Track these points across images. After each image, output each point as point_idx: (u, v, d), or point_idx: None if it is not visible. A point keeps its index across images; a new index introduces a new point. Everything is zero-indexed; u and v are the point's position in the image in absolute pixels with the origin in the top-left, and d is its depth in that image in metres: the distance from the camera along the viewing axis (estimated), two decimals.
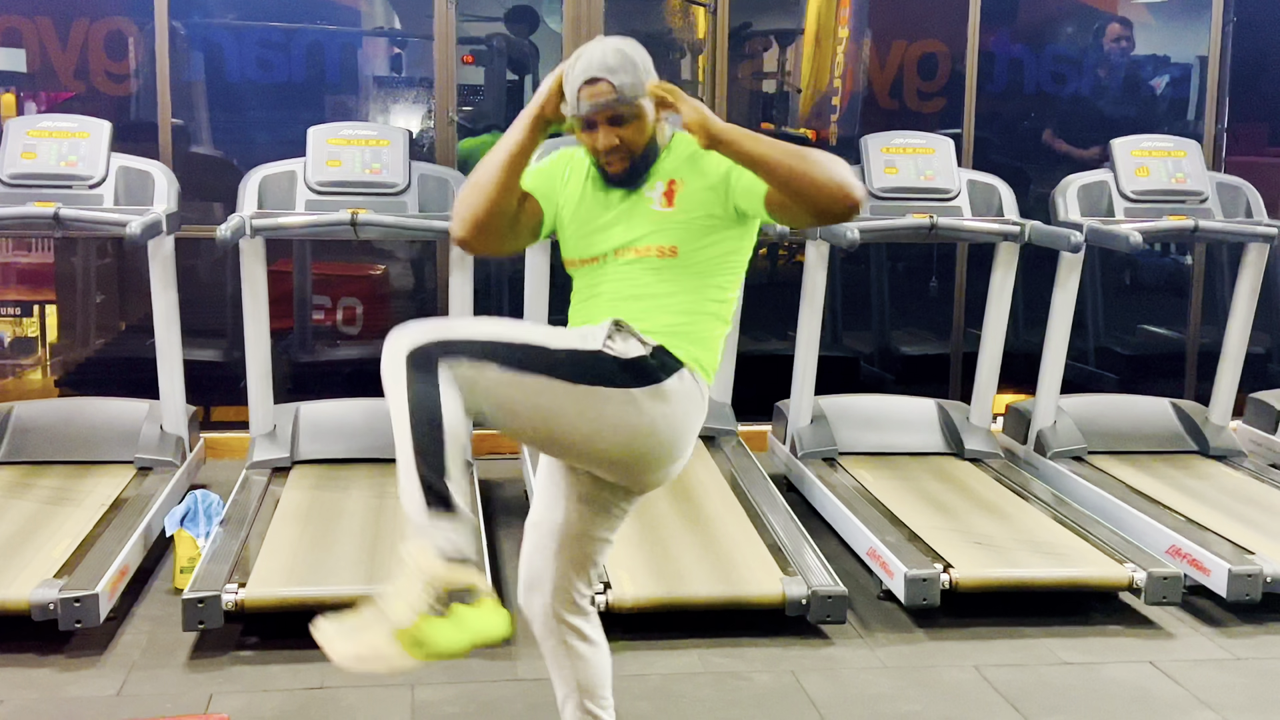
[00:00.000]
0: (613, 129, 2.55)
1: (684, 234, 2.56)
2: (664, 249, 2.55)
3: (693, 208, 2.57)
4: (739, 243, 2.64)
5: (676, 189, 2.58)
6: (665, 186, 2.59)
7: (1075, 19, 7.10)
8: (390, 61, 6.87)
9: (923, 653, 3.98)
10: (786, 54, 7.15)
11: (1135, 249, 4.91)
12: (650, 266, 2.56)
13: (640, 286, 2.57)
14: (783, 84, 7.26)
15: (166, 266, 4.89)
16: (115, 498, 4.64)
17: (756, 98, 7.23)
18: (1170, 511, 4.77)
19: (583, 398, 2.44)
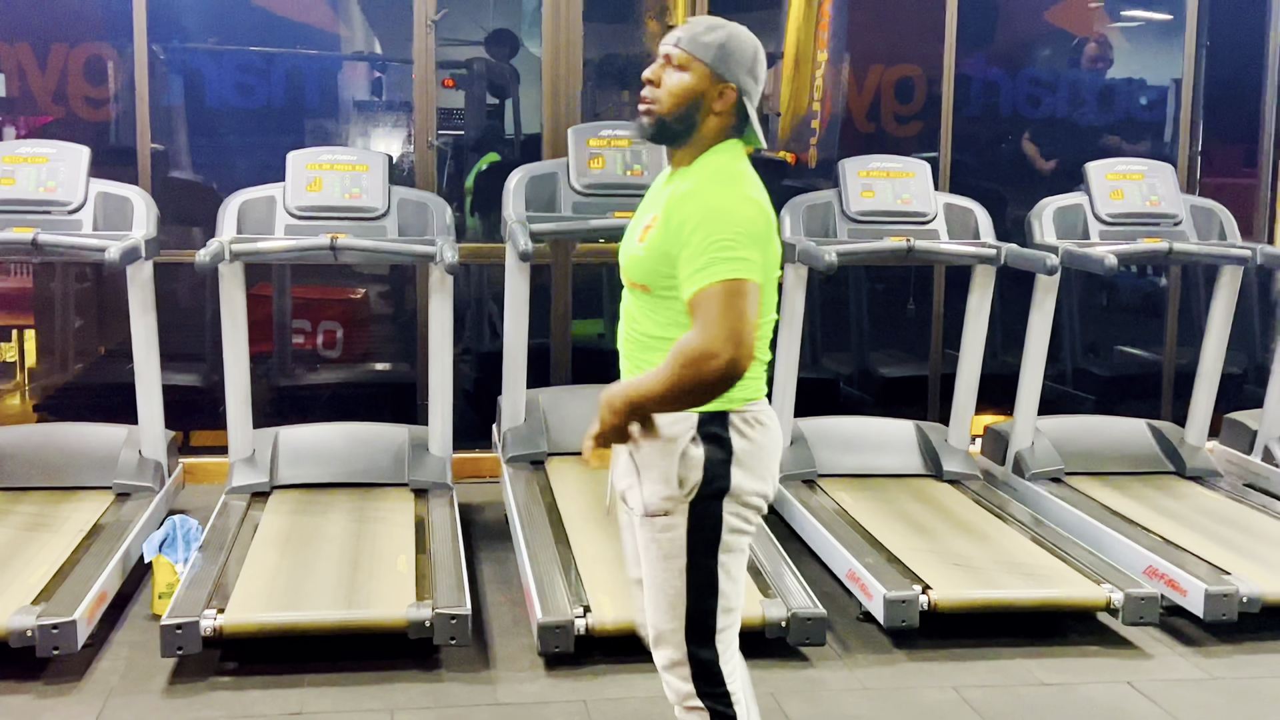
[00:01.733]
0: (664, 67, 2.55)
1: (648, 273, 2.51)
2: (635, 283, 2.56)
3: (654, 250, 2.50)
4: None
5: (652, 226, 2.51)
6: (649, 220, 2.54)
7: (1051, 42, 7.16)
8: (371, 86, 6.89)
9: (902, 674, 3.99)
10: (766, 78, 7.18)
11: (1110, 271, 4.95)
12: (634, 295, 2.58)
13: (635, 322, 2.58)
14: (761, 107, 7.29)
15: (145, 291, 4.89)
16: (93, 523, 4.63)
17: None
18: (1147, 532, 4.79)
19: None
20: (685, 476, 2.47)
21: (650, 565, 2.56)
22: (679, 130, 2.53)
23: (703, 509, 2.49)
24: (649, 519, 2.53)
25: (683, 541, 2.50)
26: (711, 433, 2.48)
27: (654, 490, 2.51)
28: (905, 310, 7.01)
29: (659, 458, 2.49)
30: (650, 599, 2.57)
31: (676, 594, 2.53)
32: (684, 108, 2.52)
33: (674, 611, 2.54)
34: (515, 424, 5.34)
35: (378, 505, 4.90)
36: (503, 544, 4.95)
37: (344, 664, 3.90)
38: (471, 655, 4.00)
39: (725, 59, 2.51)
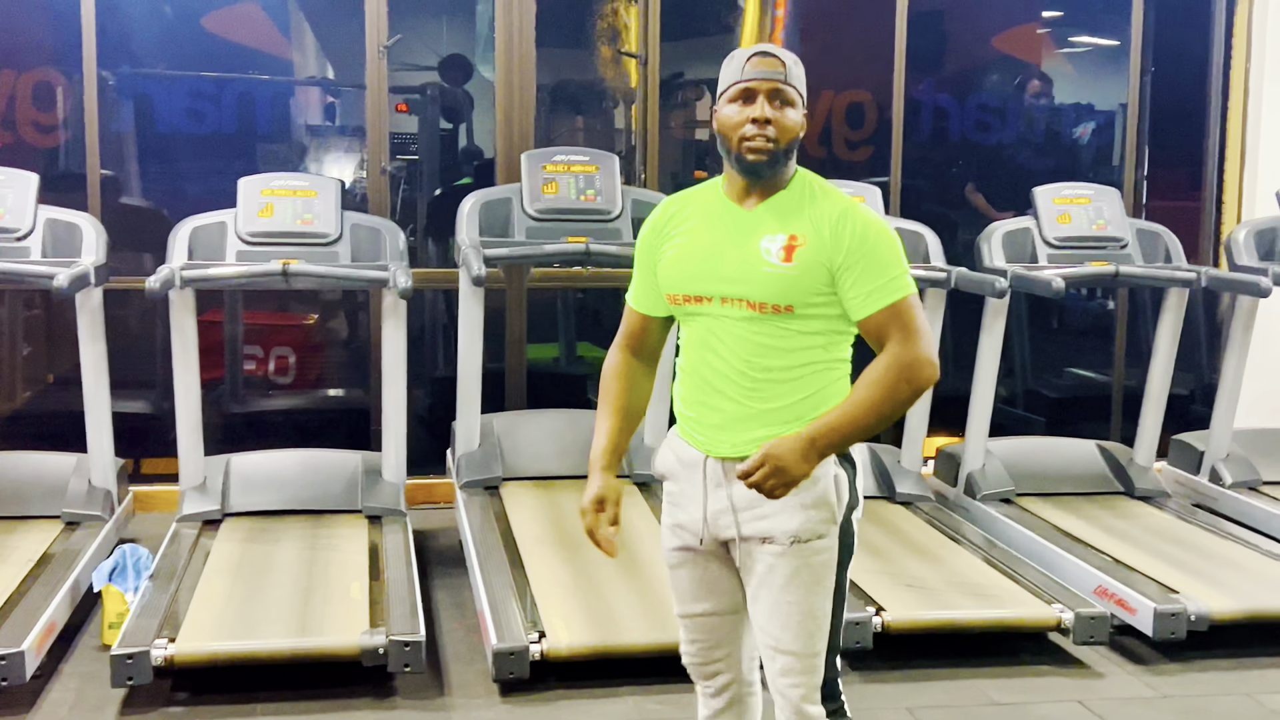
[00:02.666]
0: (769, 105, 2.49)
1: (799, 291, 2.46)
2: (779, 306, 2.47)
3: (809, 267, 2.45)
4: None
5: (797, 245, 2.47)
6: (786, 240, 2.48)
7: (999, 68, 7.25)
8: (323, 111, 6.88)
9: (856, 695, 3.95)
10: None
11: (1058, 294, 5.01)
12: (764, 320, 2.48)
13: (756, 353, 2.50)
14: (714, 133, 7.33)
15: (95, 318, 4.85)
16: (42, 553, 4.58)
17: (690, 146, 7.31)
18: (1097, 552, 4.84)
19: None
20: (841, 497, 2.51)
21: (799, 594, 2.51)
22: (784, 161, 2.53)
23: (847, 526, 2.55)
24: (798, 545, 2.49)
25: (834, 561, 2.53)
26: (846, 454, 2.55)
27: (807, 516, 2.48)
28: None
29: (809, 483, 2.47)
30: (791, 629, 2.53)
31: (824, 615, 2.54)
32: (792, 142, 2.52)
33: (820, 634, 2.54)
34: (469, 449, 5.33)
35: (331, 532, 4.87)
36: (457, 570, 4.93)
37: (297, 693, 3.87)
38: (426, 682, 3.98)
39: (804, 90, 2.57)
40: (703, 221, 2.58)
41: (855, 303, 2.45)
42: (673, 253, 2.59)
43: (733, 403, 2.51)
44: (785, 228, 2.49)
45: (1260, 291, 5.30)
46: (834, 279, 2.45)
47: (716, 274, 2.51)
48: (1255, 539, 5.14)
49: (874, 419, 2.45)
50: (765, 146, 2.48)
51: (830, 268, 2.45)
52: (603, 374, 2.73)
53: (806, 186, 2.55)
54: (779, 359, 2.49)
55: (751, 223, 2.52)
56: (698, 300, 2.53)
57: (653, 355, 2.74)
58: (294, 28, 6.65)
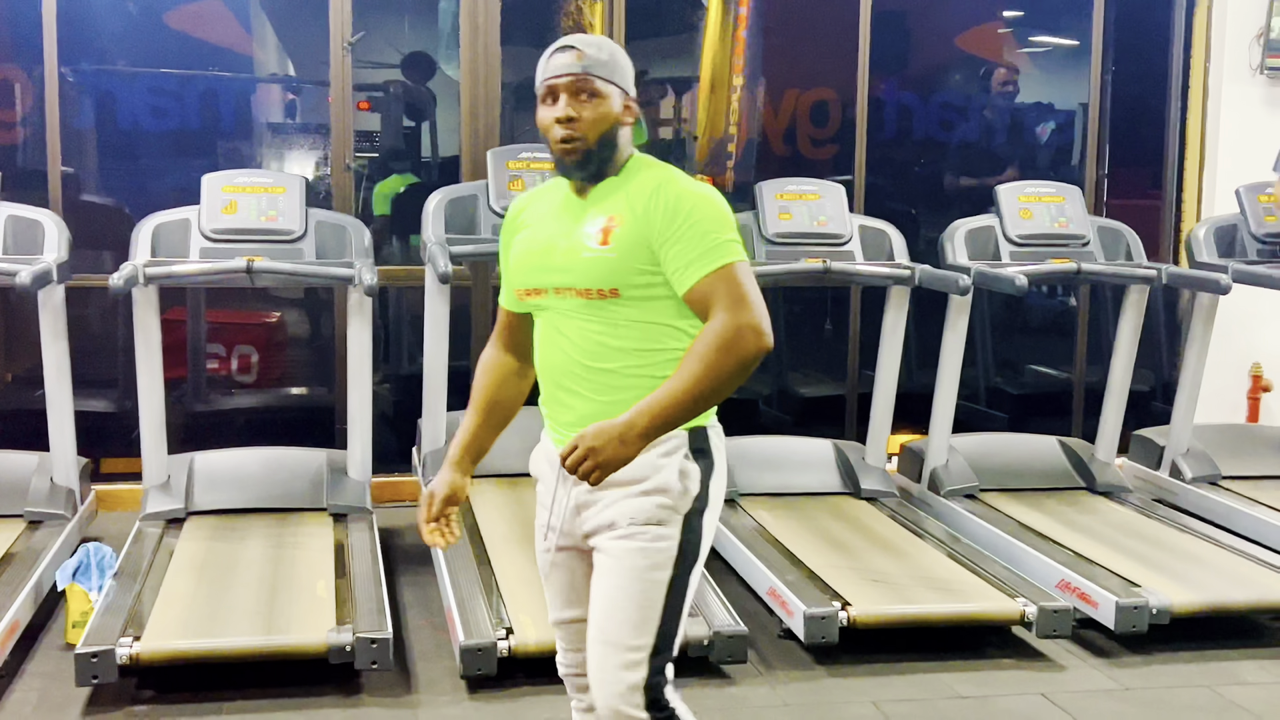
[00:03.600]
0: (572, 102, 2.44)
1: (619, 274, 2.40)
2: (604, 290, 2.41)
3: (626, 248, 2.41)
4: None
5: (614, 226, 2.42)
6: (605, 222, 2.44)
7: (962, 68, 7.29)
8: (287, 108, 6.84)
9: (822, 690, 4.03)
10: (683, 101, 7.26)
11: (1021, 291, 5.05)
12: (593, 306, 2.43)
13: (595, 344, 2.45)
14: (680, 131, 7.36)
15: (57, 316, 4.82)
16: (4, 552, 4.55)
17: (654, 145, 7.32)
18: (1060, 547, 4.88)
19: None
20: (686, 488, 2.43)
21: (628, 578, 2.42)
22: (606, 154, 2.47)
23: (693, 523, 2.45)
24: (637, 528, 2.42)
25: (673, 553, 2.42)
26: (698, 448, 2.46)
27: (646, 501, 2.42)
28: (821, 331, 7.09)
29: (649, 471, 2.40)
30: (616, 616, 2.43)
31: (652, 608, 2.42)
32: (607, 134, 2.46)
33: (645, 627, 2.41)
34: (436, 446, 5.32)
35: (296, 530, 4.85)
36: (423, 568, 4.92)
37: (263, 691, 3.85)
38: (393, 680, 3.97)
39: (625, 75, 2.50)
40: (545, 215, 2.57)
41: (677, 276, 2.37)
42: (518, 248, 2.58)
43: (580, 398, 2.47)
44: (605, 210, 2.46)
45: (1220, 289, 5.36)
46: (656, 257, 2.39)
47: (548, 265, 2.48)
48: (1215, 533, 5.19)
49: (698, 395, 2.32)
50: (574, 146, 2.44)
51: (650, 245, 2.38)
52: (476, 370, 2.71)
53: (635, 168, 2.50)
54: (618, 353, 2.43)
55: (580, 210, 2.50)
56: (536, 293, 2.51)
57: (524, 352, 2.64)
58: (257, 24, 6.61)
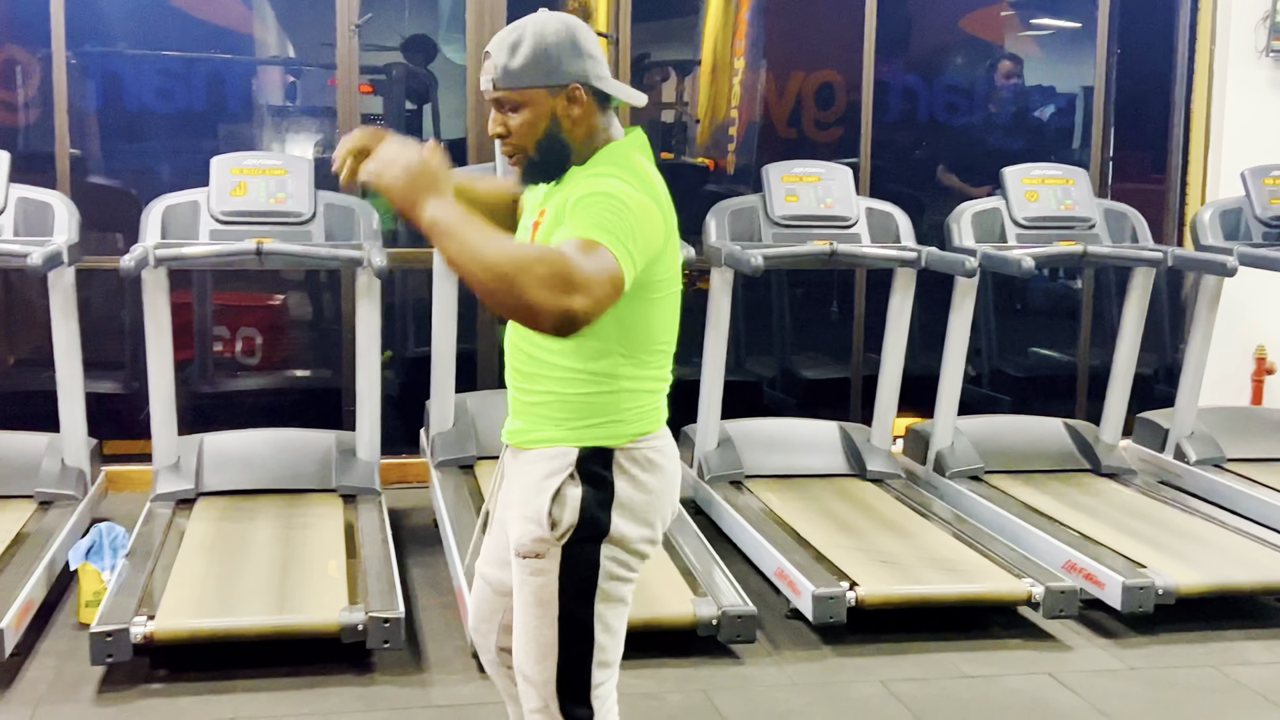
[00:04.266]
0: (500, 114, 2.33)
1: None
2: None
3: (547, 239, 2.26)
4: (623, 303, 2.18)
5: (541, 223, 2.32)
6: (536, 217, 2.35)
7: (966, 50, 7.30)
8: (293, 90, 6.84)
9: (830, 669, 4.06)
10: (685, 84, 7.27)
11: (1028, 274, 5.06)
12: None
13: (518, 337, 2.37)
14: (681, 114, 7.37)
15: (67, 297, 4.83)
16: (17, 532, 4.57)
17: (656, 127, 7.33)
18: (1065, 528, 4.91)
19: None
20: (559, 518, 2.29)
21: (522, 609, 2.37)
22: (558, 157, 2.33)
23: (576, 553, 2.30)
24: (520, 560, 2.34)
25: (555, 587, 2.31)
26: (592, 471, 2.30)
27: (525, 530, 2.32)
28: (827, 313, 7.10)
29: (532, 494, 2.32)
30: (520, 645, 2.38)
31: (548, 644, 2.33)
32: (544, 140, 2.31)
33: (545, 663, 2.34)
34: (444, 428, 5.34)
35: (306, 511, 4.88)
36: (431, 548, 4.95)
37: (276, 669, 3.88)
38: (405, 659, 4.00)
39: (549, 69, 2.28)
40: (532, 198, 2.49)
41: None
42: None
43: (514, 387, 2.42)
44: (539, 206, 2.38)
45: (1226, 271, 5.38)
46: None
47: None
48: (1220, 514, 5.22)
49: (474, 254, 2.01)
50: (515, 158, 2.35)
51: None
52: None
53: (596, 162, 2.32)
54: (535, 354, 2.35)
55: (538, 202, 2.41)
56: None
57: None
58: (261, 7, 6.60)
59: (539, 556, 2.32)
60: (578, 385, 2.32)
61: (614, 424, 2.33)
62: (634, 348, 2.33)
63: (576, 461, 2.31)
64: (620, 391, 2.33)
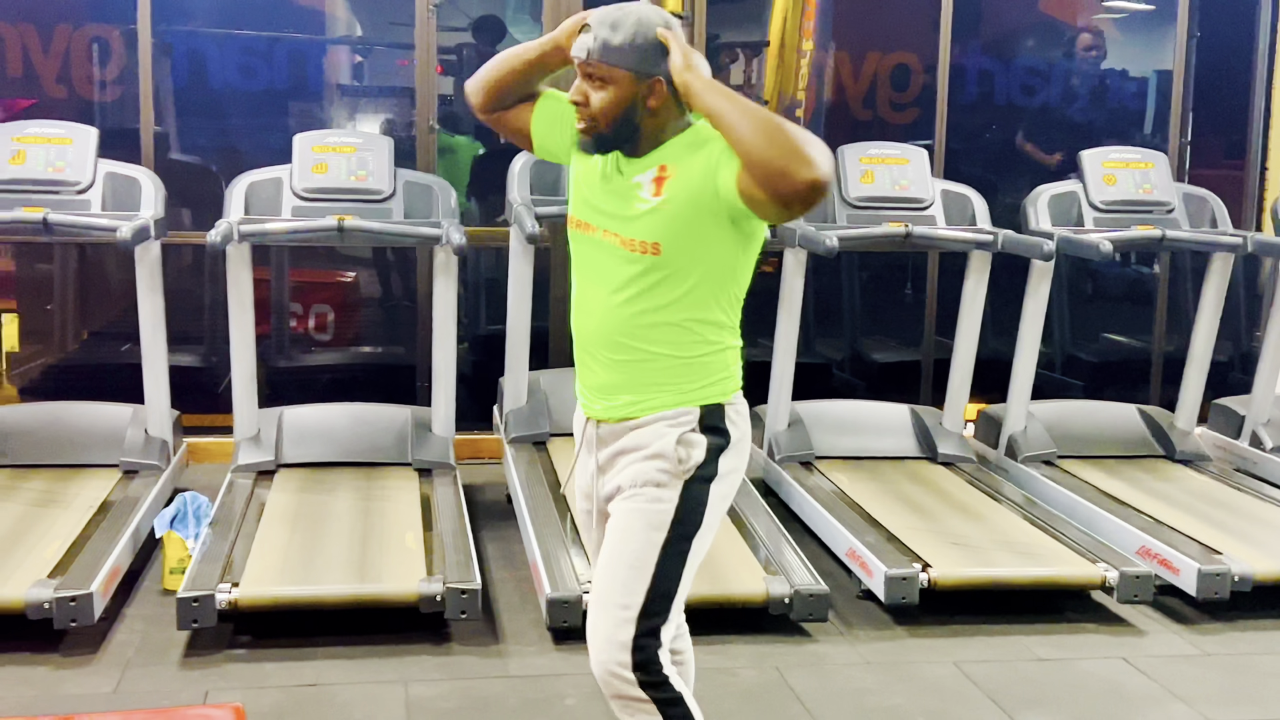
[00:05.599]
0: (586, 84, 2.46)
1: (668, 228, 2.41)
2: (646, 244, 2.43)
3: (680, 197, 2.41)
4: (734, 251, 2.46)
5: (667, 176, 2.43)
6: (656, 172, 2.45)
7: (1044, 31, 7.24)
8: (372, 69, 6.92)
9: (903, 649, 4.07)
10: (753, 65, 7.26)
11: (1106, 257, 5.03)
12: (634, 263, 2.45)
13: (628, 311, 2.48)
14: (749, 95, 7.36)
15: (153, 271, 4.93)
16: (103, 500, 4.67)
17: None
18: (1139, 513, 4.88)
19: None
20: (685, 456, 2.47)
21: (622, 538, 2.49)
22: (625, 135, 2.47)
23: (692, 490, 2.48)
24: (636, 490, 2.49)
25: (669, 515, 2.46)
26: (711, 425, 2.51)
27: (647, 465, 2.49)
28: (898, 296, 7.09)
29: (654, 438, 2.49)
30: (611, 571, 2.49)
31: (643, 567, 2.45)
32: (620, 118, 2.45)
33: (635, 586, 2.45)
34: (518, 405, 5.40)
35: (382, 484, 4.95)
36: (504, 523, 5.01)
37: (356, 637, 3.96)
38: (481, 629, 4.06)
39: (643, 57, 2.42)
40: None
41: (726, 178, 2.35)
42: (576, 168, 2.63)
43: (613, 363, 2.55)
44: (655, 161, 2.47)
45: None
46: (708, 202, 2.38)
47: (600, 206, 2.53)
48: None
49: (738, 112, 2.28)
50: (587, 127, 2.47)
51: (706, 185, 2.38)
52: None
53: (688, 137, 2.48)
54: (649, 326, 2.50)
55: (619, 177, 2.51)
56: (586, 227, 2.56)
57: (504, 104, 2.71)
58: None
59: (659, 486, 2.48)
60: (693, 349, 2.50)
61: (724, 381, 2.54)
62: (733, 300, 2.53)
63: (700, 418, 2.50)
64: (725, 349, 2.54)
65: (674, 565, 2.48)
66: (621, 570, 2.48)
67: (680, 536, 2.48)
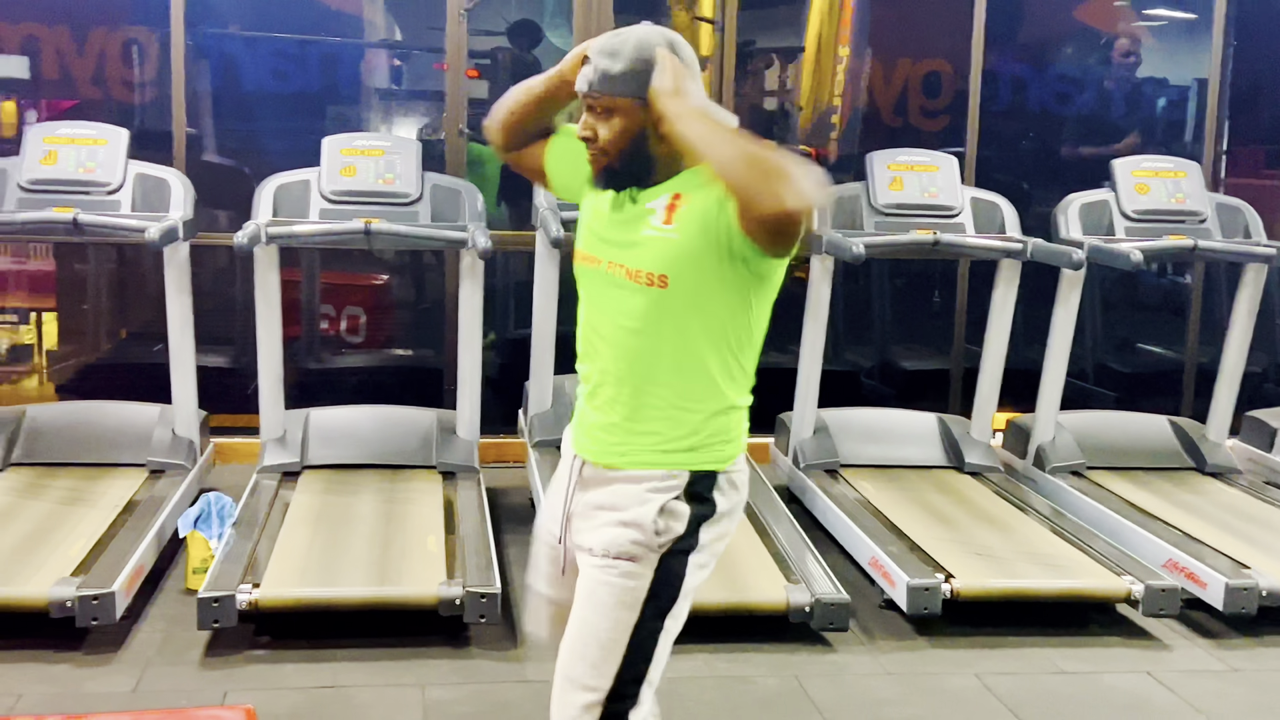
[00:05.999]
0: (591, 117, 2.34)
1: (677, 260, 2.27)
2: (653, 276, 2.28)
3: (691, 228, 2.26)
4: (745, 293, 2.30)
5: (680, 204, 2.29)
6: (669, 199, 2.31)
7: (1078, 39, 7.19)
8: (402, 73, 6.94)
9: (925, 660, 4.05)
10: (788, 71, 7.24)
11: (1137, 267, 4.99)
12: (639, 296, 2.30)
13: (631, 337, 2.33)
14: (784, 102, 7.34)
15: (182, 272, 4.95)
16: (128, 499, 4.70)
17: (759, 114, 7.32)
18: (1167, 526, 4.83)
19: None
20: (665, 528, 2.31)
21: (594, 611, 2.33)
22: (638, 166, 2.34)
23: (670, 563, 2.32)
24: (609, 561, 2.32)
25: (643, 593, 2.30)
26: (698, 493, 2.33)
27: (622, 533, 2.31)
28: (928, 304, 7.05)
29: (633, 502, 2.32)
30: (579, 646, 2.34)
31: (613, 647, 2.30)
32: (629, 149, 2.32)
33: (603, 668, 2.30)
34: (542, 409, 5.40)
35: (406, 486, 4.96)
36: (527, 527, 4.94)
37: (375, 640, 3.97)
38: (501, 634, 4.06)
39: (646, 82, 2.28)
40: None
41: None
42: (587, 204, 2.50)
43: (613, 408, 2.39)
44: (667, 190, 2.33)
45: None
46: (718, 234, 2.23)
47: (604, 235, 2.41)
48: None
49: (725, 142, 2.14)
50: (597, 160, 2.35)
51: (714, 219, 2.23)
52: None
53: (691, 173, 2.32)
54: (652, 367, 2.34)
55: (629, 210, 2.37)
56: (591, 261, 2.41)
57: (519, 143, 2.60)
58: None
59: (633, 560, 2.31)
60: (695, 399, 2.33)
61: (722, 446, 2.36)
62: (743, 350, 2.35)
63: (687, 484, 2.33)
64: (730, 409, 2.36)
65: (645, 646, 2.32)
66: (590, 649, 2.32)
67: (654, 615, 2.32)
